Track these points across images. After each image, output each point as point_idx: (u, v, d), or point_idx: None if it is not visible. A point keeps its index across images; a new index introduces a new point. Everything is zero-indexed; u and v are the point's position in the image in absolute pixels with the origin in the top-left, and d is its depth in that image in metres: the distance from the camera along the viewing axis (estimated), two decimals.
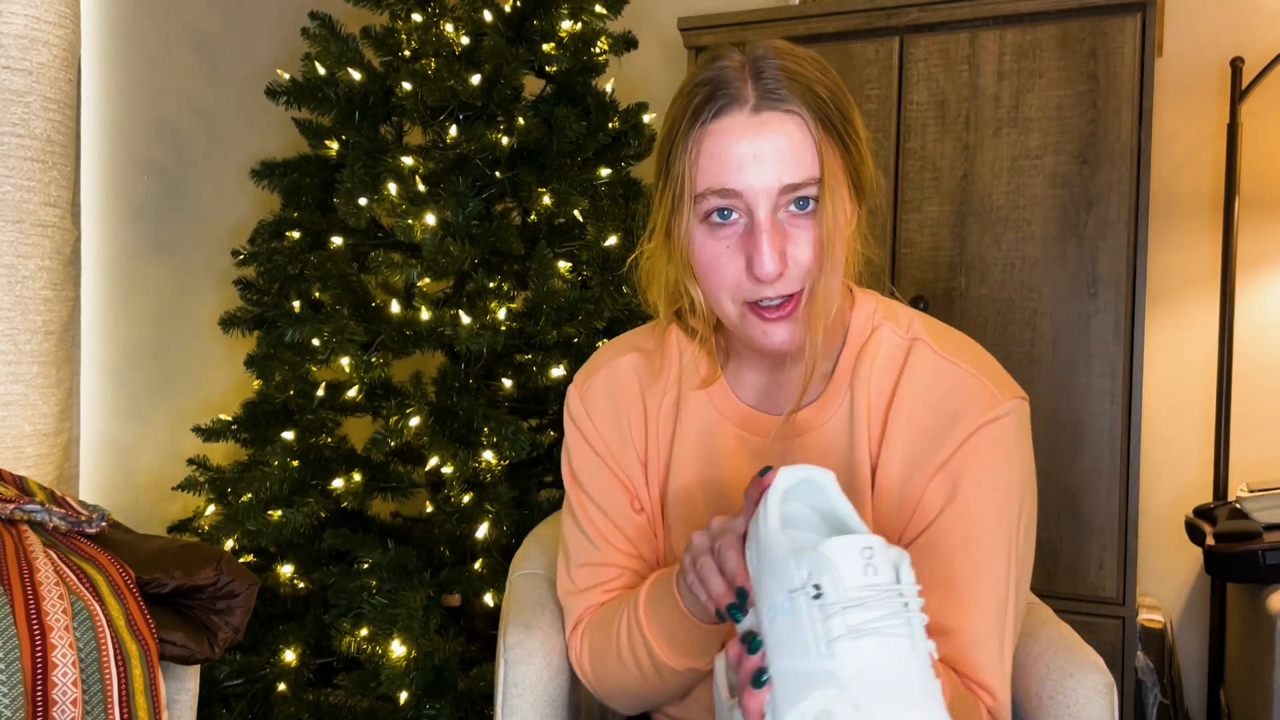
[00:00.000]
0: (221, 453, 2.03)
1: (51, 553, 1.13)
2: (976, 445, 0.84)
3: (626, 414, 0.99)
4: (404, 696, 1.62)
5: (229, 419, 1.88)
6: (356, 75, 1.87)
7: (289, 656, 1.72)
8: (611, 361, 1.02)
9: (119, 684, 1.06)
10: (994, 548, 0.84)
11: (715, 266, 0.85)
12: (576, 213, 1.80)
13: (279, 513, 1.71)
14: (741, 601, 0.72)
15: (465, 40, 1.84)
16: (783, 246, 0.82)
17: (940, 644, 0.83)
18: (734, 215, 0.83)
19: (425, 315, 1.72)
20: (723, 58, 0.84)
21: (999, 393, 0.86)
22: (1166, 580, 2.08)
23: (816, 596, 0.62)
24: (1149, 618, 1.91)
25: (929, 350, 0.89)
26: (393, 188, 1.72)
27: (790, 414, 0.93)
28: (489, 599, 1.72)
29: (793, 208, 0.83)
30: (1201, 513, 1.83)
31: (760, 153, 0.81)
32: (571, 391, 1.03)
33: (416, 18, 1.86)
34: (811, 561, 0.63)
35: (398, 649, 1.60)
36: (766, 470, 0.72)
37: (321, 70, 1.87)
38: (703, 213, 0.84)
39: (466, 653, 1.72)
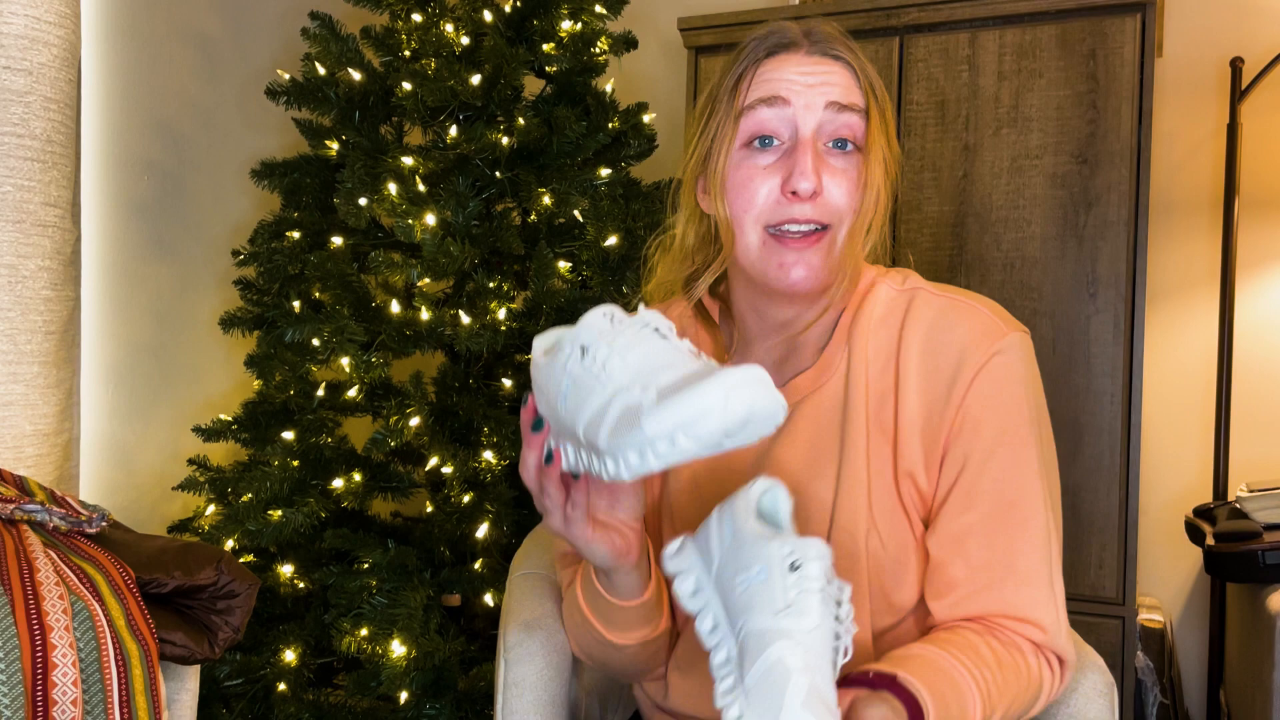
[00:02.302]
0: (221, 453, 2.03)
1: (51, 553, 1.13)
2: (988, 379, 0.85)
3: None
4: (404, 696, 1.62)
5: (229, 419, 1.88)
6: (356, 75, 1.87)
7: (289, 656, 1.72)
8: None
9: (119, 684, 1.06)
10: (1024, 481, 0.85)
11: (748, 186, 0.85)
12: (576, 213, 1.80)
13: (279, 513, 1.71)
14: (538, 425, 0.78)
15: (465, 40, 1.84)
16: (821, 171, 0.83)
17: (986, 594, 0.84)
18: (774, 143, 0.85)
19: (425, 315, 1.72)
20: (780, 24, 0.89)
21: (1001, 324, 0.87)
22: (1166, 580, 2.08)
23: (583, 356, 0.72)
24: (1149, 618, 1.91)
25: (929, 294, 0.90)
26: (393, 188, 1.72)
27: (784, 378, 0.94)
28: (489, 599, 1.72)
29: (833, 145, 0.85)
30: (1201, 513, 1.83)
31: (812, 74, 0.85)
32: None
33: (416, 18, 1.86)
34: (569, 339, 0.74)
35: (398, 649, 1.60)
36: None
37: (321, 70, 1.87)
38: (746, 135, 0.86)
39: (466, 653, 1.72)
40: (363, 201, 1.75)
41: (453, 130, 1.81)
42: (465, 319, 1.71)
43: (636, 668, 0.98)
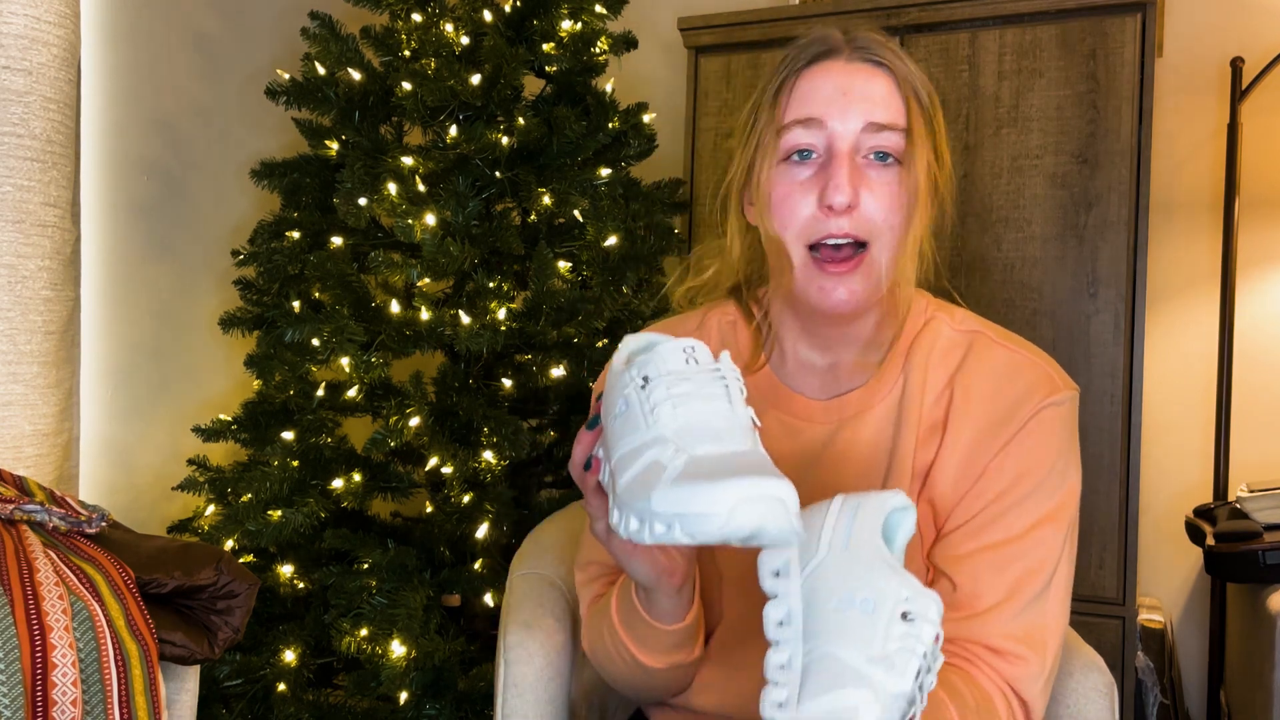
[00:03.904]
0: (221, 453, 2.02)
1: (51, 553, 1.13)
2: (1038, 426, 0.86)
3: None
4: (404, 696, 1.62)
5: (229, 419, 1.88)
6: (356, 75, 1.87)
7: (289, 656, 1.72)
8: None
9: (119, 684, 1.06)
10: (1048, 528, 0.85)
11: (787, 203, 0.85)
12: (576, 213, 1.80)
13: (279, 513, 1.71)
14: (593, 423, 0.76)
15: (465, 40, 1.84)
16: (858, 185, 0.83)
17: (978, 621, 0.83)
18: (813, 155, 0.85)
19: (425, 315, 1.72)
20: (823, 30, 0.89)
21: (1059, 380, 0.88)
22: (1166, 580, 2.08)
23: (643, 386, 0.68)
24: (1149, 618, 1.91)
25: (990, 340, 0.91)
26: (393, 188, 1.72)
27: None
28: (489, 599, 1.72)
29: (873, 157, 0.84)
30: (1201, 513, 1.83)
31: (850, 89, 0.84)
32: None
33: (416, 18, 1.85)
34: (640, 363, 0.70)
35: (398, 649, 1.60)
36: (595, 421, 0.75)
37: (321, 70, 1.87)
38: (784, 150, 0.85)
39: (466, 653, 1.72)
40: (362, 201, 1.75)
41: (453, 130, 1.81)
42: (465, 319, 1.71)
43: (659, 689, 0.95)
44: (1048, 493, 0.85)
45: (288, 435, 1.82)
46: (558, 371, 1.77)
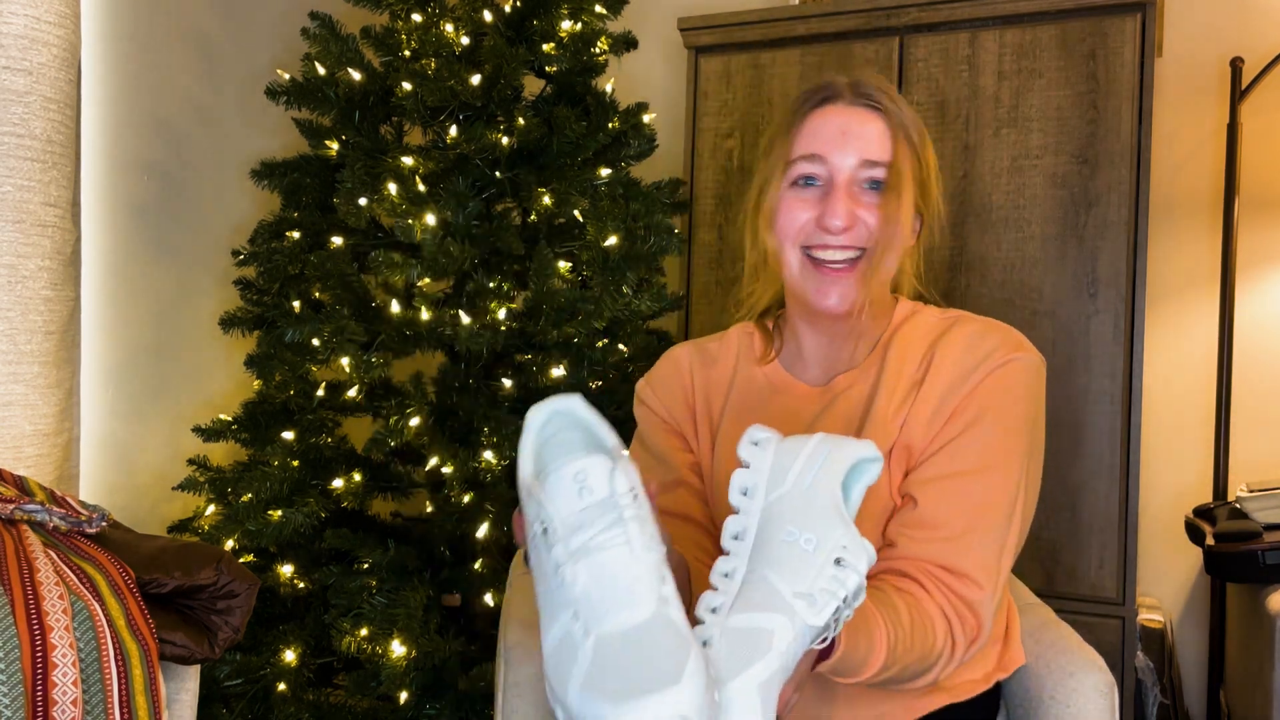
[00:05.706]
0: (221, 453, 2.02)
1: (51, 553, 1.13)
2: (1004, 373, 0.98)
3: (681, 388, 1.16)
4: (404, 696, 1.62)
5: (229, 419, 1.88)
6: (356, 75, 1.87)
7: (289, 656, 1.72)
8: (672, 353, 1.20)
9: (119, 684, 1.06)
10: (1007, 463, 0.97)
11: (790, 214, 1.02)
12: (576, 213, 1.80)
13: (279, 513, 1.71)
14: None
15: (465, 40, 1.84)
16: (853, 209, 1.00)
17: (940, 544, 0.94)
18: (816, 183, 1.02)
19: (425, 315, 1.72)
20: (831, 77, 1.06)
21: (1027, 345, 1.02)
22: (1166, 580, 2.08)
23: (544, 533, 0.69)
24: (1149, 618, 1.91)
25: (970, 318, 1.05)
26: (393, 188, 1.72)
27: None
28: (489, 599, 1.72)
29: (866, 186, 1.01)
30: (1201, 513, 1.83)
31: (849, 129, 1.01)
32: (640, 384, 1.19)
33: (416, 18, 1.86)
34: (537, 504, 0.70)
35: (398, 649, 1.60)
36: None
37: (321, 70, 1.87)
38: (791, 178, 1.03)
39: (466, 653, 1.72)
40: (363, 201, 1.75)
41: (453, 130, 1.81)
42: (465, 319, 1.71)
43: None
44: (1006, 432, 0.97)
45: (288, 435, 1.82)
46: (558, 371, 1.77)
